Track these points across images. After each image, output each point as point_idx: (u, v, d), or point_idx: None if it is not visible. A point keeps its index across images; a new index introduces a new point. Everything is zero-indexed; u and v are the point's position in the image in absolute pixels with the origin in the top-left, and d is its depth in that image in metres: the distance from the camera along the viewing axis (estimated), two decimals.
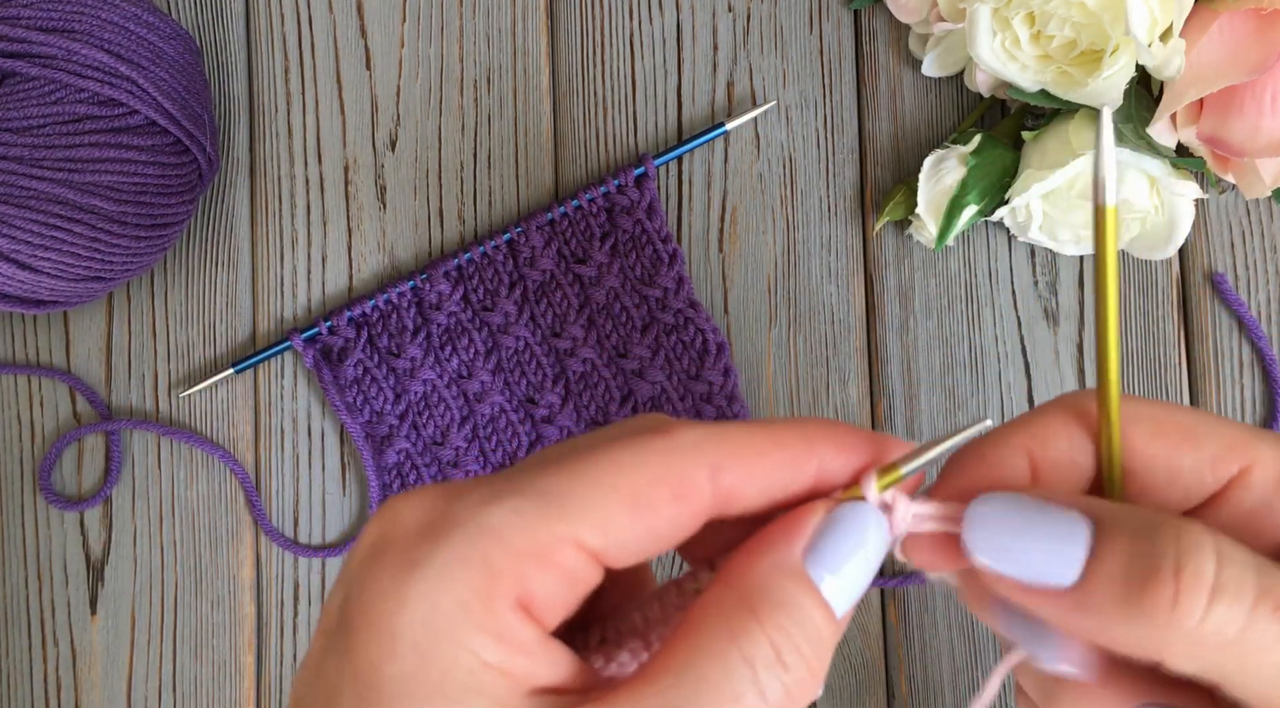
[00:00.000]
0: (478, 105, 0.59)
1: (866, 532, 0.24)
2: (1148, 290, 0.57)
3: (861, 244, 0.58)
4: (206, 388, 0.58)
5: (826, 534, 0.24)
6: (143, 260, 0.53)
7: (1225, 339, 0.56)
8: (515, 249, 0.57)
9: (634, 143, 0.58)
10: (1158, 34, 0.46)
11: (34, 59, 0.50)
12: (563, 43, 0.59)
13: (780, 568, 0.23)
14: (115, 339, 0.59)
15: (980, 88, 0.54)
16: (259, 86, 0.59)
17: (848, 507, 0.24)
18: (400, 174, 0.59)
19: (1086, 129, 0.50)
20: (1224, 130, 0.48)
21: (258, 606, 0.58)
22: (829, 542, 0.24)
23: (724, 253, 0.58)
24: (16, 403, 0.59)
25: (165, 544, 0.58)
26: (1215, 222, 0.57)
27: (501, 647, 0.22)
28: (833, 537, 0.24)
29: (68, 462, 0.58)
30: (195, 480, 0.58)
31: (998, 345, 0.57)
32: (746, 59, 0.58)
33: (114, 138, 0.50)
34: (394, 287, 0.56)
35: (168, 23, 0.53)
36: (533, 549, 0.22)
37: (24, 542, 0.58)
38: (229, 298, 0.59)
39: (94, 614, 0.58)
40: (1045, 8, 0.47)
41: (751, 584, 0.23)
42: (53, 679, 0.57)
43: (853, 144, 0.58)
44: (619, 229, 0.56)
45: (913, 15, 0.54)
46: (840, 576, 0.24)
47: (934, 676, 0.56)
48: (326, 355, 0.57)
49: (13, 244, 0.48)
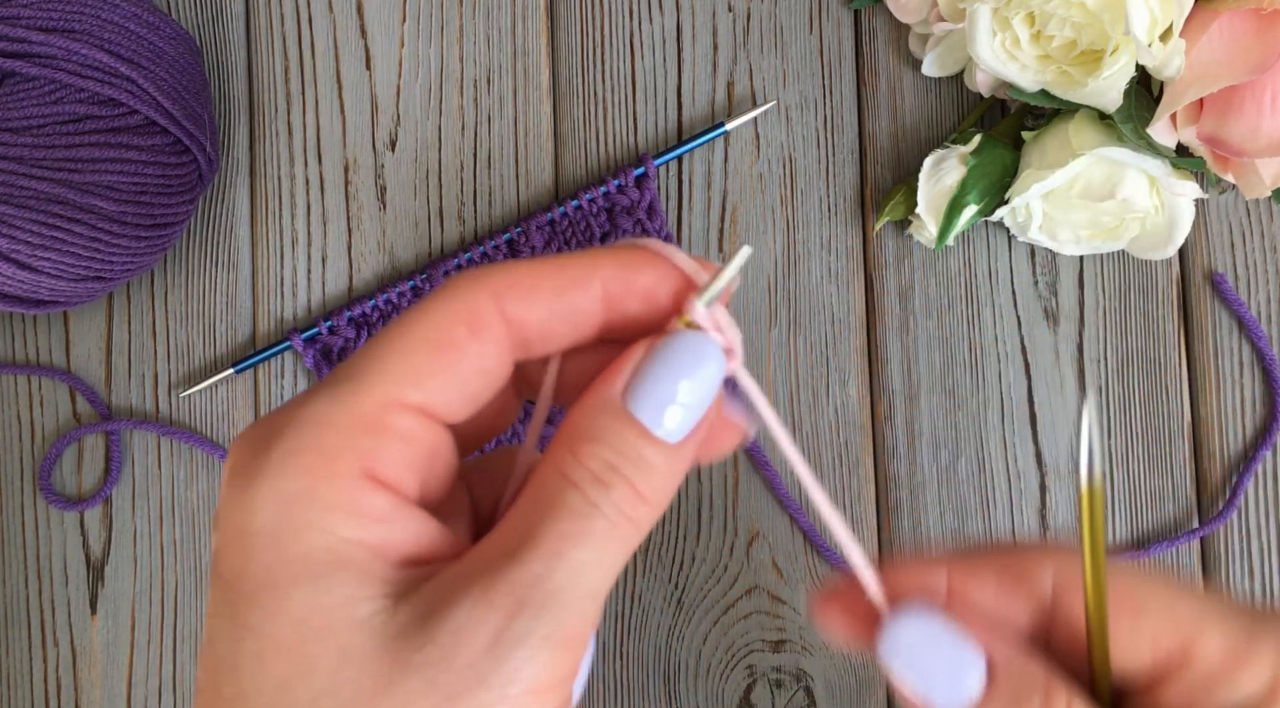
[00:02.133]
0: (478, 105, 0.59)
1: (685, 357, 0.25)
2: (1148, 290, 0.57)
3: (861, 244, 0.58)
4: (206, 388, 0.58)
5: (645, 368, 0.25)
6: (143, 260, 0.53)
7: (1225, 339, 0.56)
8: (515, 249, 0.57)
9: (634, 143, 0.58)
10: (1158, 34, 0.46)
11: (34, 59, 0.50)
12: (563, 43, 0.59)
13: (598, 406, 0.24)
14: (115, 339, 0.59)
15: (980, 88, 0.54)
16: (259, 86, 0.59)
17: (668, 338, 0.25)
18: (400, 174, 0.59)
19: (1087, 129, 0.50)
20: (1224, 130, 0.48)
21: None
22: (650, 375, 0.24)
23: (724, 253, 0.58)
24: (16, 403, 0.59)
25: (165, 544, 0.58)
26: (1215, 222, 0.57)
27: (355, 520, 0.23)
28: (653, 370, 0.24)
29: (68, 462, 0.58)
30: (195, 480, 0.58)
31: (998, 345, 0.57)
32: (746, 59, 0.58)
33: (114, 138, 0.50)
34: (394, 287, 0.56)
35: (168, 23, 0.53)
36: (357, 421, 0.23)
37: (24, 542, 0.58)
38: (229, 298, 0.59)
39: (94, 614, 0.58)
40: (1045, 8, 0.47)
41: (572, 424, 0.24)
42: (53, 679, 0.57)
43: (853, 144, 0.58)
44: (619, 229, 0.56)
45: (913, 15, 0.54)
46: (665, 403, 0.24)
47: None
48: (326, 355, 0.57)
49: (13, 244, 0.48)
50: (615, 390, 0.24)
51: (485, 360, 0.24)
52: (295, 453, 0.23)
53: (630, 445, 0.24)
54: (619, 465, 0.24)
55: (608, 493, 0.23)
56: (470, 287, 0.24)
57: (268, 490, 0.23)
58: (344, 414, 0.23)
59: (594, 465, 0.23)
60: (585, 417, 0.24)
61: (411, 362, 0.24)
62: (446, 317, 0.24)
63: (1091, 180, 0.50)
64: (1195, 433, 0.56)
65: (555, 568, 0.22)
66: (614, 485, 0.23)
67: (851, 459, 0.57)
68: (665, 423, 0.24)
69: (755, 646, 0.57)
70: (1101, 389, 0.57)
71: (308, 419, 0.23)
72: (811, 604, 0.28)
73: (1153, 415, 0.57)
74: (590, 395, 0.25)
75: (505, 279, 0.25)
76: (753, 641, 0.57)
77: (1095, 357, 0.57)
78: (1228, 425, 0.56)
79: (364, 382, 0.23)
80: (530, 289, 0.25)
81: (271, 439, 0.23)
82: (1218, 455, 0.56)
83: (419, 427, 0.24)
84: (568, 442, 0.24)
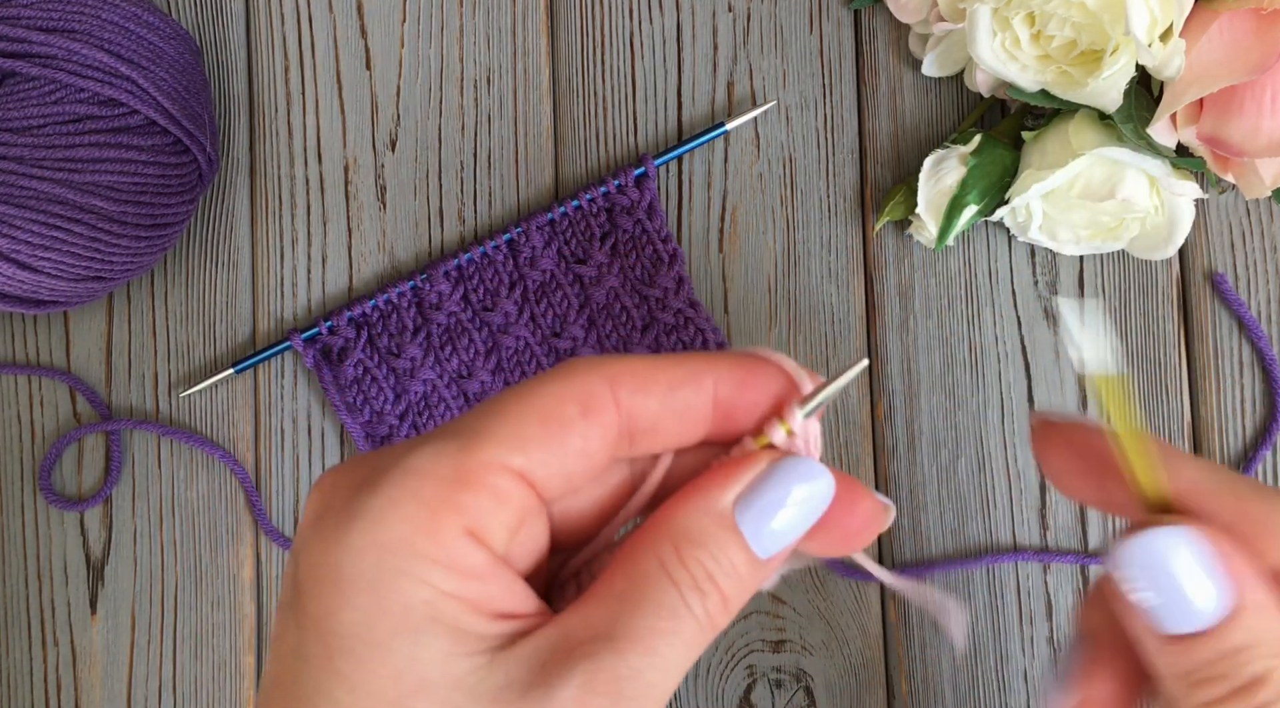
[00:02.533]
0: (478, 105, 0.59)
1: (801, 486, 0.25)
2: (1147, 290, 0.57)
3: (861, 244, 0.58)
4: (206, 388, 0.58)
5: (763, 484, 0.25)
6: (143, 260, 0.53)
7: (1225, 339, 0.56)
8: (515, 249, 0.57)
9: (634, 143, 0.58)
10: (1158, 34, 0.46)
11: (34, 59, 0.50)
12: (563, 43, 0.59)
13: (707, 511, 0.25)
14: (115, 339, 0.59)
15: (980, 88, 0.54)
16: (259, 86, 0.59)
17: (788, 460, 0.26)
18: (400, 174, 0.59)
19: (1087, 129, 0.50)
20: (1224, 130, 0.48)
21: (258, 606, 0.58)
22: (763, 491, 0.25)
23: (724, 253, 0.58)
24: (16, 403, 0.59)
25: (165, 544, 0.58)
26: (1215, 222, 0.57)
27: (454, 574, 0.23)
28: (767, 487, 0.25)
29: (68, 462, 0.58)
30: (195, 480, 0.58)
31: (998, 345, 0.57)
32: (746, 59, 0.58)
33: (114, 138, 0.50)
34: (394, 287, 0.56)
35: (168, 23, 0.53)
36: (459, 477, 0.23)
37: (24, 542, 0.58)
38: (229, 298, 0.59)
39: (94, 614, 0.58)
40: (1045, 8, 0.47)
41: (678, 523, 0.25)
42: (53, 679, 0.57)
43: (853, 144, 0.58)
44: (619, 229, 0.56)
45: (913, 15, 0.54)
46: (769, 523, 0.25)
47: (934, 676, 0.56)
48: (326, 355, 0.57)
49: (13, 244, 0.48)
50: (728, 499, 0.25)
51: (591, 443, 0.25)
52: (397, 502, 0.23)
53: (731, 558, 0.25)
54: (716, 575, 0.24)
55: (703, 600, 0.24)
56: (588, 370, 0.25)
57: (367, 537, 0.22)
58: (448, 468, 0.23)
59: (695, 570, 0.24)
60: (693, 516, 0.25)
61: (518, 429, 0.24)
62: (560, 394, 0.25)
63: (1091, 180, 0.50)
64: (1195, 433, 0.56)
65: (651, 665, 0.23)
66: (709, 594, 0.24)
67: (851, 459, 0.57)
68: (765, 541, 0.25)
69: (755, 646, 0.57)
70: None
71: (411, 469, 0.23)
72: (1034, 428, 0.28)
73: (1153, 415, 0.57)
74: (701, 496, 0.25)
75: (623, 367, 0.25)
76: (753, 641, 0.57)
77: None
78: (1228, 425, 0.56)
79: (470, 440, 0.24)
80: (646, 380, 0.25)
81: (371, 484, 0.23)
82: (1218, 455, 0.56)
83: (516, 491, 0.24)
84: (671, 536, 0.25)
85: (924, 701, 0.56)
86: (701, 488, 0.25)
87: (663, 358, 0.26)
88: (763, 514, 0.25)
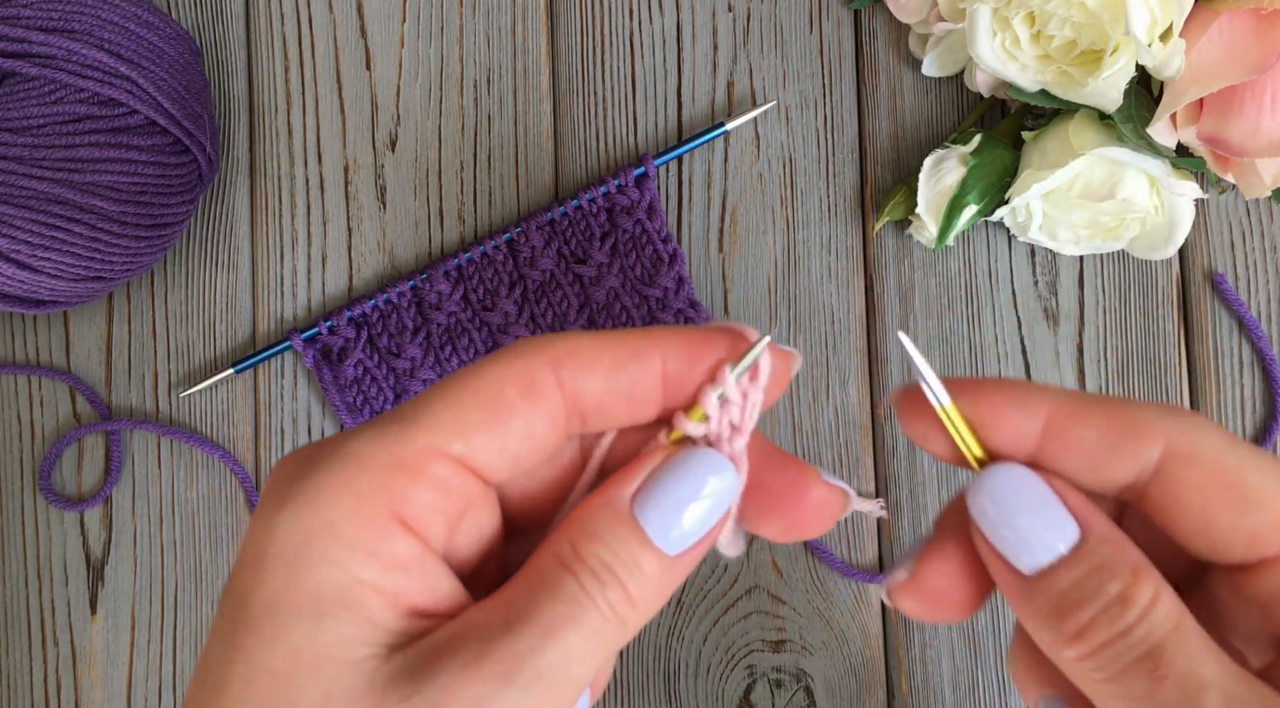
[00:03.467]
0: (478, 105, 0.59)
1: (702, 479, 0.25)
2: (1148, 290, 0.57)
3: (861, 244, 0.58)
4: (206, 388, 0.58)
5: (660, 478, 0.25)
6: (143, 260, 0.53)
7: (1225, 339, 0.56)
8: (515, 249, 0.57)
9: (634, 143, 0.58)
10: (1158, 34, 0.46)
11: (34, 59, 0.50)
12: (563, 43, 0.59)
13: (605, 506, 0.24)
14: (115, 339, 0.59)
15: (980, 88, 0.54)
16: (259, 86, 0.59)
17: (686, 453, 0.25)
18: (400, 174, 0.59)
19: (1087, 129, 0.50)
20: (1224, 130, 0.48)
21: None
22: (662, 486, 0.25)
23: (724, 253, 0.58)
24: (16, 403, 0.59)
25: (165, 544, 0.58)
26: (1215, 222, 0.57)
27: (375, 563, 0.23)
28: (666, 481, 0.25)
29: (68, 462, 0.58)
30: (195, 480, 0.58)
31: (998, 345, 0.57)
32: (746, 59, 0.58)
33: (114, 138, 0.50)
34: (394, 287, 0.56)
35: (168, 23, 0.53)
36: (397, 464, 0.23)
37: (24, 542, 0.58)
38: (229, 298, 0.59)
39: (94, 614, 0.58)
40: (1045, 8, 0.47)
41: (578, 517, 0.25)
42: (53, 679, 0.57)
43: (853, 144, 0.58)
44: (619, 229, 0.56)
45: (913, 15, 0.54)
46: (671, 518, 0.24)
47: (934, 676, 0.56)
48: (326, 355, 0.57)
49: (13, 244, 0.48)
50: (625, 494, 0.25)
51: (534, 425, 0.24)
52: (327, 486, 0.23)
53: (629, 551, 0.24)
54: (614, 567, 0.24)
55: (603, 589, 0.24)
56: (529, 352, 0.25)
57: (292, 519, 0.23)
58: (382, 454, 0.23)
59: (591, 561, 0.24)
60: (591, 513, 0.24)
61: (458, 414, 0.24)
62: (500, 377, 0.24)
63: (1091, 180, 0.50)
64: None
65: (547, 647, 0.23)
66: (609, 583, 0.24)
67: (851, 459, 0.57)
68: (669, 535, 0.24)
69: (755, 646, 0.57)
70: (1101, 389, 0.57)
71: (346, 454, 0.23)
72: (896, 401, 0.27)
73: None
74: (600, 493, 0.25)
75: (565, 347, 0.25)
76: (752, 641, 0.57)
77: (1095, 357, 0.57)
78: (1228, 425, 0.56)
79: (408, 427, 0.24)
80: (590, 360, 0.25)
81: (307, 468, 0.23)
82: None
83: (455, 478, 0.24)
84: (569, 534, 0.24)
85: (924, 701, 0.56)
86: (603, 485, 0.25)
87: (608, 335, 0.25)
88: (664, 509, 0.24)
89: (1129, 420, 0.25)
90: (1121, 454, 0.25)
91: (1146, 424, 0.25)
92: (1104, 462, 0.25)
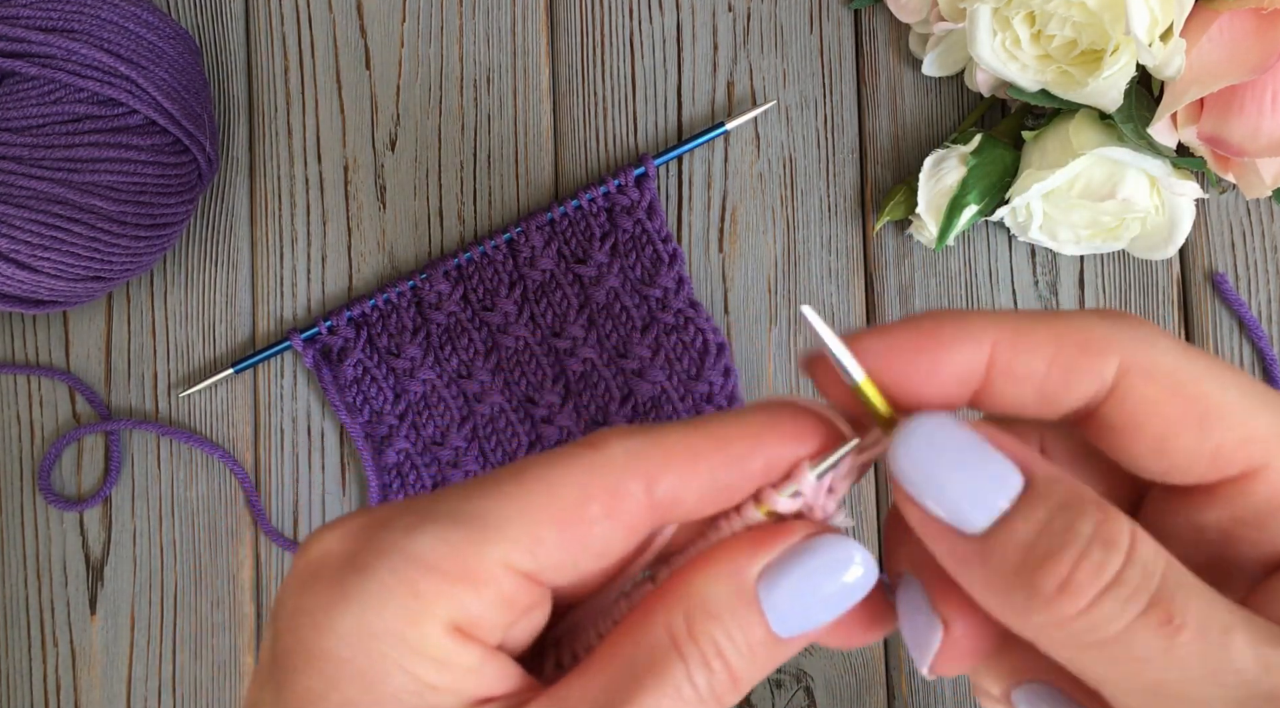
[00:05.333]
0: (478, 105, 0.59)
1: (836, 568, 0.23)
2: (1148, 290, 0.57)
3: (861, 244, 0.58)
4: (206, 388, 0.58)
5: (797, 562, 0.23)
6: (143, 260, 0.53)
7: (1225, 339, 0.56)
8: (515, 249, 0.57)
9: (634, 143, 0.58)
10: (1158, 34, 0.46)
11: (34, 59, 0.50)
12: (563, 43, 0.59)
13: (729, 581, 0.23)
14: (115, 339, 0.59)
15: (980, 88, 0.54)
16: (259, 86, 0.59)
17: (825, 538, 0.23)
18: (400, 174, 0.59)
19: (1087, 129, 0.50)
20: (1224, 130, 0.48)
21: (258, 606, 0.58)
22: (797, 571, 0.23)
23: (724, 253, 0.58)
24: (16, 403, 0.59)
25: (165, 544, 0.58)
26: (1215, 222, 0.57)
27: (445, 672, 0.22)
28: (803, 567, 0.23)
29: (68, 462, 0.58)
30: (195, 480, 0.58)
31: None
32: (746, 59, 0.58)
33: (114, 138, 0.50)
34: (394, 286, 0.56)
35: (168, 22, 0.53)
36: (460, 574, 0.22)
37: (24, 542, 0.58)
38: (229, 298, 0.59)
39: (94, 614, 0.58)
40: (1045, 8, 0.47)
41: (694, 592, 0.23)
42: (53, 679, 0.57)
43: (853, 144, 0.58)
44: (619, 229, 0.56)
45: (913, 15, 0.54)
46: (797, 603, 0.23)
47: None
48: (326, 355, 0.57)
49: (13, 244, 0.48)
50: (752, 572, 0.23)
51: (611, 542, 0.23)
52: (391, 590, 0.22)
53: (747, 635, 0.23)
54: (727, 651, 0.22)
55: (710, 678, 0.22)
56: (622, 463, 0.23)
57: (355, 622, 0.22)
58: (450, 561, 0.22)
59: (705, 645, 0.22)
60: (712, 585, 0.23)
61: (532, 527, 0.22)
62: (584, 486, 0.22)
63: (1092, 180, 0.50)
64: None
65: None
66: (717, 673, 0.22)
67: None
68: (789, 620, 0.23)
69: None
70: None
71: (410, 557, 0.22)
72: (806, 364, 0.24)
73: None
74: (724, 564, 0.23)
75: (660, 460, 0.23)
76: None
77: None
78: None
79: (476, 532, 0.22)
80: (686, 473, 0.23)
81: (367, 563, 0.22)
82: None
83: (518, 588, 0.23)
84: (685, 606, 0.23)
85: (924, 701, 0.56)
86: (724, 556, 0.23)
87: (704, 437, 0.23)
88: (794, 595, 0.23)
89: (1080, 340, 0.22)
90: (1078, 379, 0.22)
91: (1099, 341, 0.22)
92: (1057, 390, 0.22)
